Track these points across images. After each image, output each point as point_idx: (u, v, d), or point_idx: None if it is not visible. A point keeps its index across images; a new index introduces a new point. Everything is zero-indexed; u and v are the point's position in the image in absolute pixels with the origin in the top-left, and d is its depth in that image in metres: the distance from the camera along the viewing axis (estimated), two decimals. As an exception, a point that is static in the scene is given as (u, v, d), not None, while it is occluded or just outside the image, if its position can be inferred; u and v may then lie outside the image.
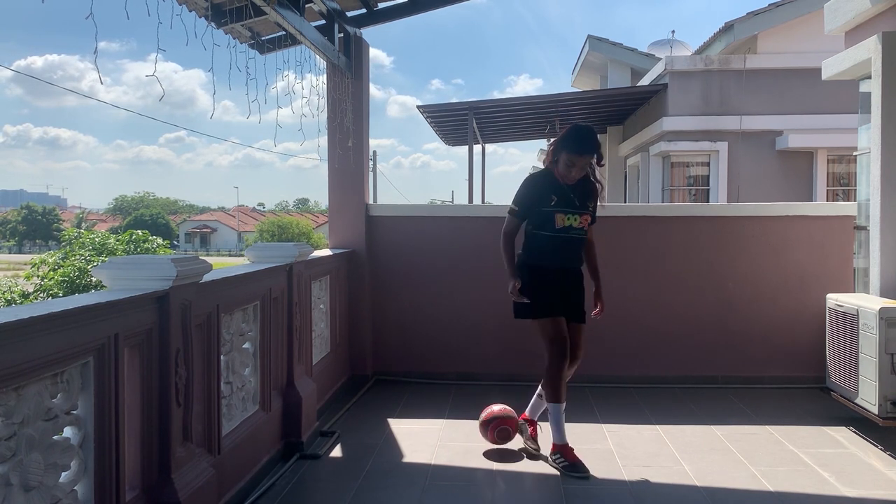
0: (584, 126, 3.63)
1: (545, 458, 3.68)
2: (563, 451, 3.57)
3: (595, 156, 3.60)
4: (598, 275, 3.86)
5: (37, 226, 76.55)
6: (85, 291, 14.20)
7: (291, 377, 3.85)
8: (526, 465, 3.66)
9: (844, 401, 4.31)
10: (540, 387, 3.80)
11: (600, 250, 5.33)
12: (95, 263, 14.04)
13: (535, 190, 3.64)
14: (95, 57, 2.46)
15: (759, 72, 10.60)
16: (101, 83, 2.73)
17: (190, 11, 3.34)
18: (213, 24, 3.54)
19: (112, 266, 2.43)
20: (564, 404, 3.61)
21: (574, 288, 3.71)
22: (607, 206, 4.16)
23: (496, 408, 3.87)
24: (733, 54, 10.93)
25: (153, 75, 2.87)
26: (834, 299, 4.54)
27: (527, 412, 3.93)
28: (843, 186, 10.83)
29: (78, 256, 15.93)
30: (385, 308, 5.50)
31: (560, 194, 3.60)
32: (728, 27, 10.83)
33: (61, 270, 15.54)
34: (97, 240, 17.02)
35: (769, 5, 10.60)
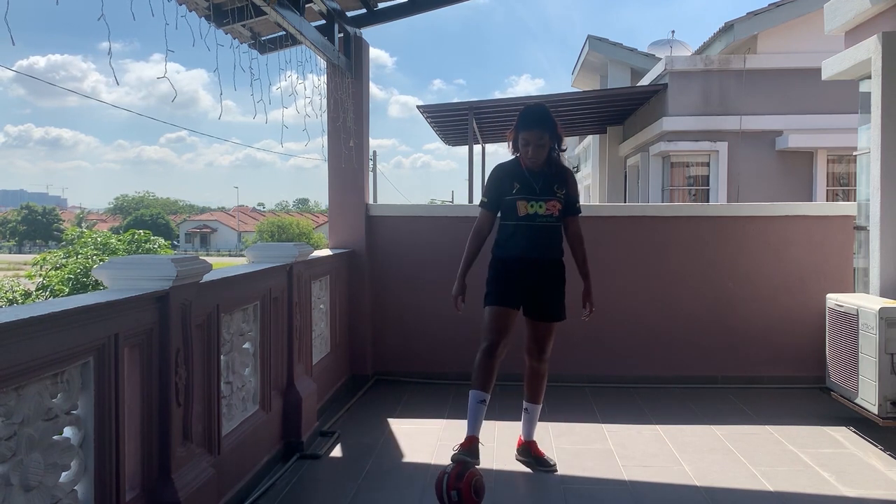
0: (536, 104, 3.56)
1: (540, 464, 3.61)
2: (464, 440, 3.32)
3: (548, 132, 3.43)
4: (587, 272, 3.61)
5: (37, 226, 76.55)
6: (92, 290, 14.21)
7: (291, 377, 3.85)
8: (526, 466, 3.66)
9: (844, 401, 4.31)
10: (524, 401, 3.69)
11: (601, 250, 5.36)
12: (100, 262, 14.06)
13: (499, 179, 3.54)
14: (110, 58, 2.48)
15: (759, 72, 10.60)
16: (117, 83, 2.74)
17: (190, 11, 3.34)
18: (213, 24, 3.54)
19: (112, 266, 2.43)
20: (486, 396, 3.36)
21: (543, 282, 3.50)
22: (608, 206, 4.13)
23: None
24: (733, 54, 10.92)
25: (164, 76, 2.88)
26: (834, 299, 4.54)
27: (522, 436, 3.75)
28: (843, 186, 10.82)
29: (83, 255, 15.97)
30: (385, 308, 5.50)
31: (522, 181, 3.47)
32: (728, 27, 10.83)
33: (66, 269, 15.56)
34: (100, 239, 17.06)
35: (769, 5, 10.60)
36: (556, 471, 3.57)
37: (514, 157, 3.61)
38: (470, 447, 3.29)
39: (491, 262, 3.59)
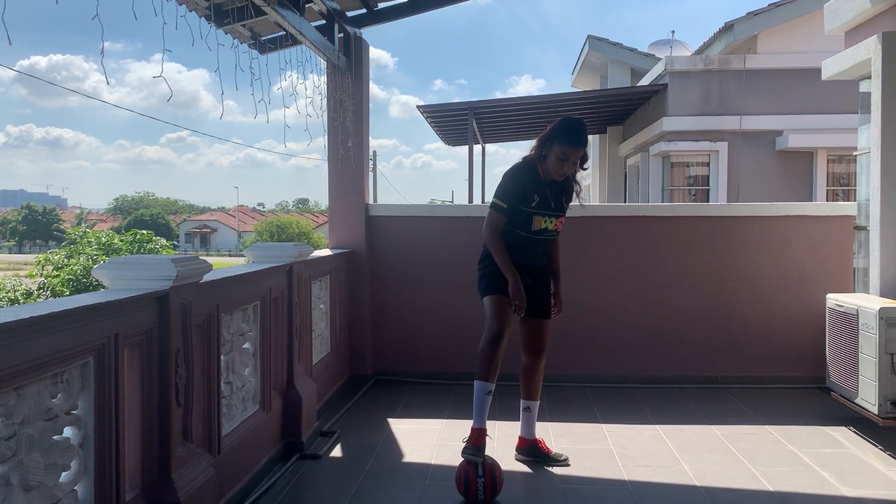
0: (577, 118, 3.45)
1: (551, 459, 3.67)
2: (471, 434, 3.34)
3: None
4: (559, 275, 3.71)
5: (37, 226, 76.57)
6: (93, 290, 14.20)
7: (291, 377, 3.85)
8: (525, 466, 3.66)
9: (844, 401, 4.31)
10: (522, 400, 3.71)
11: (600, 250, 5.37)
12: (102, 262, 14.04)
13: (522, 186, 3.39)
14: (102, 57, 2.46)
15: (759, 72, 10.60)
16: (108, 83, 2.73)
17: (190, 11, 3.34)
18: (213, 24, 3.55)
19: (112, 266, 2.43)
20: (492, 386, 3.36)
21: (537, 284, 3.58)
22: (608, 206, 4.11)
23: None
24: (733, 54, 10.92)
25: (161, 76, 2.87)
26: (834, 299, 4.54)
27: (523, 436, 3.74)
28: (843, 186, 10.83)
29: (85, 255, 15.94)
30: (385, 308, 5.50)
31: (542, 194, 3.41)
32: (728, 27, 10.83)
33: (66, 269, 15.55)
34: (104, 239, 17.05)
35: (769, 5, 10.61)
36: (569, 464, 3.63)
37: (525, 160, 3.49)
38: (479, 444, 3.30)
39: (488, 261, 3.51)
